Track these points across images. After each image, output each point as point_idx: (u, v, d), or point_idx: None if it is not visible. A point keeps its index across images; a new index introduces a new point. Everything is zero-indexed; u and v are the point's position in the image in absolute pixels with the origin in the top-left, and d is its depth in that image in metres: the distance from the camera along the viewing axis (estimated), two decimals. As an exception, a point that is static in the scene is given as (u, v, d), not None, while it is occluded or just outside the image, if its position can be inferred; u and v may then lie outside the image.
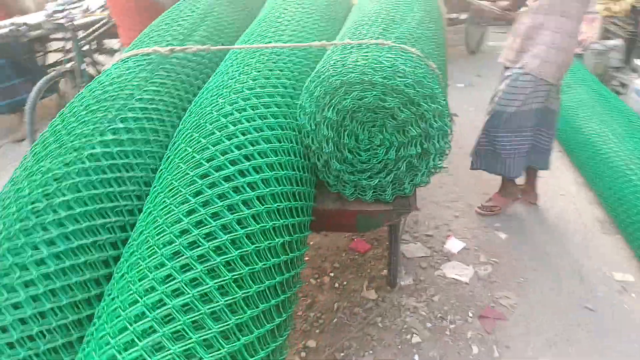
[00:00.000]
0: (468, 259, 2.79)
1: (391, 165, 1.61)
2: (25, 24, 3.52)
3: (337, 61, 1.59)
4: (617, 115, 3.59)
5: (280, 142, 1.53)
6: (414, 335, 2.29)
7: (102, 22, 3.87)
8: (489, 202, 3.17)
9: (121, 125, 1.62)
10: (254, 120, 1.54)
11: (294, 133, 1.64)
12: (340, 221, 1.78)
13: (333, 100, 1.55)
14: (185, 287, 1.14)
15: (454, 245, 2.90)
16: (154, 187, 1.47)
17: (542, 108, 2.71)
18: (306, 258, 2.82)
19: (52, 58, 4.56)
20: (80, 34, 3.73)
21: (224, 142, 1.44)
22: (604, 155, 3.24)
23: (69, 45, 3.77)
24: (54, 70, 3.74)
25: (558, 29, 2.51)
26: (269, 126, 1.55)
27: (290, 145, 1.57)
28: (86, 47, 3.84)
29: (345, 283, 2.63)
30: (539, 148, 2.90)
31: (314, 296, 2.55)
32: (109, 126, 1.62)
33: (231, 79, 1.72)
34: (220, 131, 1.48)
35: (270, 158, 1.46)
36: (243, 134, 1.48)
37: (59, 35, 4.00)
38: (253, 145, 1.46)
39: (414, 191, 1.77)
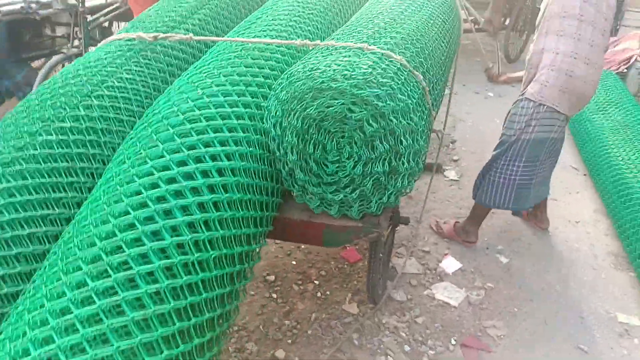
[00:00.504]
0: (462, 281, 2.63)
1: (358, 180, 1.49)
2: (37, 1, 3.49)
3: (310, 64, 1.48)
4: (651, 143, 3.34)
5: (237, 146, 1.43)
6: (389, 357, 2.17)
7: (114, 6, 3.82)
8: (446, 224, 2.99)
9: (82, 113, 1.56)
10: (214, 120, 1.44)
11: (259, 137, 1.54)
12: (306, 234, 1.67)
13: (299, 107, 1.44)
14: (95, 296, 1.07)
15: (449, 264, 2.74)
16: (100, 181, 1.40)
17: (544, 138, 2.43)
18: (293, 262, 2.73)
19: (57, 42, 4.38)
20: (90, 17, 3.69)
21: (175, 140, 1.36)
22: (628, 184, 3.01)
23: (77, 28, 3.71)
24: (61, 53, 3.71)
25: (557, 50, 2.31)
26: (229, 128, 1.45)
27: (250, 149, 1.46)
28: (95, 31, 3.80)
29: (328, 293, 2.52)
30: (539, 181, 2.66)
31: (294, 303, 2.45)
32: (70, 112, 1.55)
33: (203, 73, 1.63)
34: (174, 128, 1.39)
35: (222, 162, 1.36)
36: (198, 134, 1.39)
37: (64, 19, 3.87)
38: (206, 147, 1.37)
39: (387, 211, 1.64)
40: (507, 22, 6.20)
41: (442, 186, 3.58)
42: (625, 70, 5.06)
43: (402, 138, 1.39)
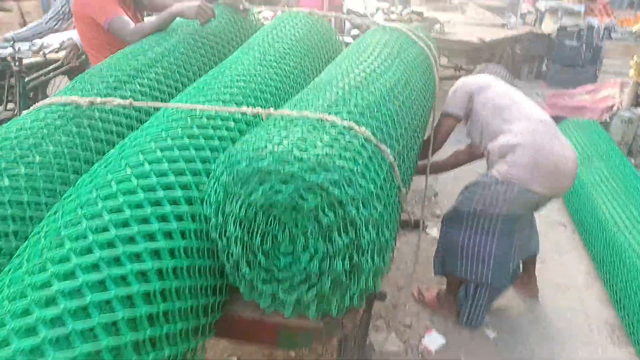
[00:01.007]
0: (446, 361, 2.37)
1: (314, 279, 1.25)
2: None
3: (256, 141, 1.26)
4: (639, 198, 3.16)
5: (170, 239, 1.19)
6: None
7: (55, 65, 3.45)
8: (428, 290, 2.76)
9: (-15, 198, 1.31)
10: (141, 208, 1.21)
11: (199, 225, 1.29)
12: (259, 334, 1.42)
13: (242, 191, 1.21)
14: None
15: (432, 341, 2.48)
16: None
17: (519, 214, 2.28)
18: (258, 341, 2.44)
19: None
20: (27, 76, 3.31)
21: (87, 237, 1.11)
22: (619, 246, 2.81)
23: (12, 89, 3.30)
24: None
25: (514, 133, 2.21)
26: (159, 216, 1.21)
27: (185, 242, 1.22)
28: (33, 92, 3.40)
29: (296, 379, 2.24)
30: (519, 251, 2.45)
31: (256, 394, 2.17)
32: (-28, 197, 1.31)
33: (136, 147, 1.41)
34: (89, 220, 1.15)
35: (145, 263, 1.12)
36: (118, 227, 1.15)
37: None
38: (127, 244, 1.13)
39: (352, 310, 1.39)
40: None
41: (424, 245, 3.34)
42: (609, 119, 4.98)
43: (364, 231, 1.16)
